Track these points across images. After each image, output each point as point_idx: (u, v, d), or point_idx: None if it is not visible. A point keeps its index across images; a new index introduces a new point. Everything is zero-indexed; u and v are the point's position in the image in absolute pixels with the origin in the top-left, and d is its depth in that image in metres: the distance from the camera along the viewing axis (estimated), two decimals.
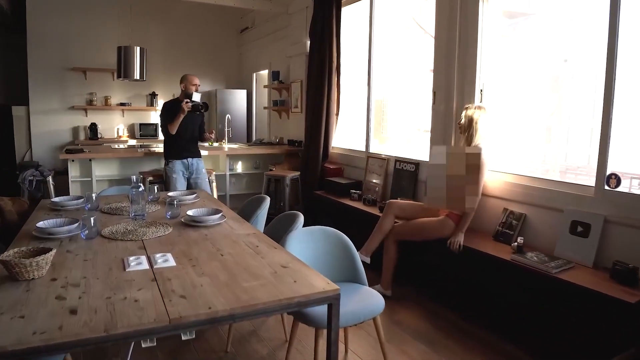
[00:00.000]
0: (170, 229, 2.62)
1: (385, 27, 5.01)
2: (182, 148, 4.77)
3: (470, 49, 3.60)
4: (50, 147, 7.55)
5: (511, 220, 3.27)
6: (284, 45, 6.65)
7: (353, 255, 2.62)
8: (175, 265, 2.05)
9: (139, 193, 2.90)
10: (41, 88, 7.40)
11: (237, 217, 2.95)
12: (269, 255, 2.18)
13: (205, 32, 8.41)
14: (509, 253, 3.00)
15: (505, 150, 3.68)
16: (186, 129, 4.70)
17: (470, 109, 3.34)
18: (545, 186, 3.14)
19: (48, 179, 5.15)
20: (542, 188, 3.15)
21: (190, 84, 4.73)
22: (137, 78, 5.68)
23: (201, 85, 4.86)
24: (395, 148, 5.12)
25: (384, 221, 3.59)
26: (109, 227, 2.64)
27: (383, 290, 3.53)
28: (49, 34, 7.29)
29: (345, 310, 2.26)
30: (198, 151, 4.94)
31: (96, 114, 7.78)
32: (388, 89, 5.37)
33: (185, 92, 4.72)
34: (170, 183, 4.75)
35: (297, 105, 6.32)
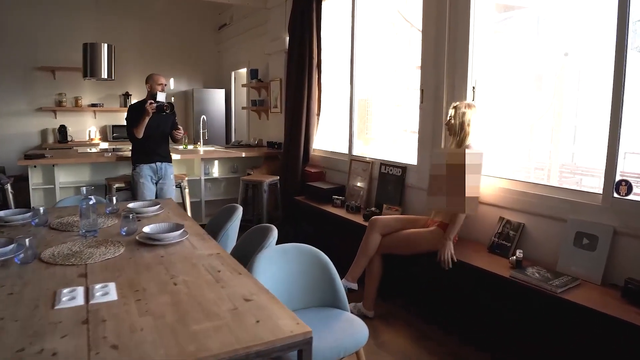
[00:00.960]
0: (121, 250, 2.27)
1: (369, 22, 4.70)
2: (151, 151, 4.47)
3: (461, 43, 3.29)
4: (17, 152, 7.08)
5: (508, 230, 2.97)
6: (263, 42, 6.30)
7: (332, 276, 2.30)
8: (116, 299, 1.70)
9: (90, 206, 2.55)
10: (6, 88, 6.97)
11: (201, 233, 2.60)
12: (231, 283, 1.84)
13: (182, 29, 8.03)
14: (506, 268, 2.70)
15: (500, 152, 3.39)
16: (155, 131, 4.41)
17: (460, 107, 3.04)
18: (545, 193, 2.85)
19: (6, 187, 4.74)
20: (542, 195, 2.85)
21: (155, 83, 4.45)
22: (105, 77, 5.29)
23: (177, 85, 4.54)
24: (380, 150, 4.82)
25: (369, 241, 3.23)
26: (51, 248, 2.28)
27: (365, 311, 3.21)
28: (14, 31, 6.87)
29: (323, 344, 1.94)
30: (169, 155, 4.63)
31: (66, 116, 7.37)
32: (372, 88, 5.05)
33: (151, 93, 4.42)
34: (138, 189, 4.44)
35: (277, 105, 5.98)
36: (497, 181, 3.15)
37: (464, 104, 3.07)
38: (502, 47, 3.45)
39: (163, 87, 4.47)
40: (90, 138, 7.45)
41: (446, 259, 2.87)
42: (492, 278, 2.67)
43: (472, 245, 3.15)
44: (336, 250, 4.19)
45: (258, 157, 5.95)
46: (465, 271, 2.84)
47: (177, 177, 5.00)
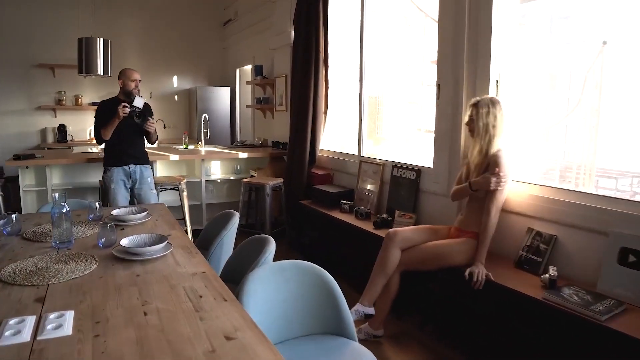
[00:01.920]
0: (93, 266, 1.97)
1: (379, 13, 4.35)
2: (122, 152, 4.09)
3: (483, 32, 2.94)
4: (17, 152, 6.84)
5: (538, 243, 2.62)
6: (268, 37, 5.99)
7: (337, 299, 1.97)
8: (69, 334, 1.39)
9: (63, 215, 2.25)
10: (4, 86, 6.74)
11: (189, 246, 2.29)
12: (213, 313, 1.52)
13: (186, 25, 7.74)
14: (538, 288, 2.36)
15: (528, 155, 3.02)
16: (126, 129, 4.02)
17: (482, 105, 2.68)
18: (582, 201, 2.49)
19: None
20: (579, 204, 2.49)
21: (128, 79, 4.07)
22: (101, 73, 5.01)
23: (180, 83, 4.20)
24: (392, 150, 4.47)
25: (387, 258, 2.81)
26: (14, 264, 1.99)
27: (373, 332, 2.86)
28: (11, 27, 6.64)
29: None
30: (144, 156, 4.25)
31: (66, 115, 7.12)
32: (383, 84, 4.71)
33: (124, 90, 4.06)
34: (109, 195, 4.09)
35: (282, 103, 5.66)
36: (525, 187, 2.79)
37: (487, 99, 2.71)
38: (528, 37, 3.10)
39: (137, 83, 4.09)
40: (90, 137, 7.18)
41: (480, 281, 2.52)
42: (520, 299, 2.33)
43: (497, 259, 2.79)
44: (344, 261, 3.88)
45: (262, 157, 5.64)
46: (490, 289, 2.50)
47: (173, 179, 4.70)
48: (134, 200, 4.22)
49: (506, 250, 2.83)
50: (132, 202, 4.19)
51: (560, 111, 3.05)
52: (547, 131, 3.13)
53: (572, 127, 3.12)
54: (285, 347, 1.87)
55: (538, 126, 3.08)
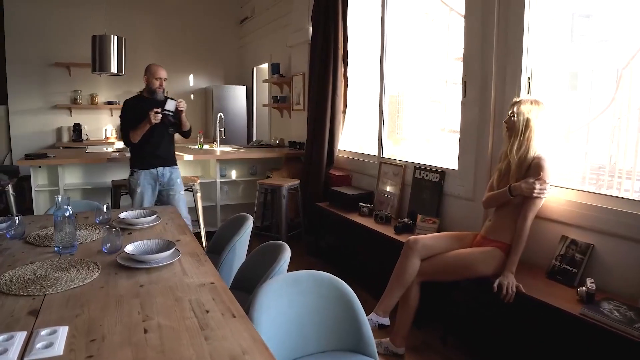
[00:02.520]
0: (95, 275, 1.84)
1: (401, 8, 4.17)
2: (149, 154, 3.91)
3: (514, 26, 2.74)
4: (32, 151, 6.84)
5: (573, 253, 2.42)
6: (285, 34, 5.84)
7: (356, 313, 1.80)
8: (61, 354, 1.25)
9: (66, 218, 2.13)
10: (21, 85, 6.72)
11: (198, 253, 2.15)
12: (219, 332, 1.37)
13: (202, 24, 7.65)
14: (573, 301, 2.16)
15: (564, 157, 2.81)
16: (155, 131, 3.85)
17: (525, 103, 2.49)
18: (624, 207, 2.28)
19: (7, 188, 4.42)
20: (619, 210, 2.28)
21: (153, 76, 3.85)
22: (115, 71, 4.92)
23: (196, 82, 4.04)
24: (413, 151, 4.27)
25: (406, 268, 2.62)
26: (12, 270, 1.87)
27: (394, 349, 2.68)
28: (29, 26, 6.61)
29: None
30: (172, 158, 4.08)
31: (82, 114, 7.08)
32: (405, 82, 4.52)
33: (148, 87, 3.89)
34: (135, 198, 3.94)
35: (300, 102, 5.51)
36: (560, 192, 2.59)
37: (529, 98, 2.53)
38: (564, 31, 2.89)
39: (162, 82, 3.88)
40: (106, 137, 7.14)
41: (511, 293, 2.32)
42: (554, 313, 2.13)
43: (527, 268, 2.59)
44: (363, 266, 3.71)
45: (279, 158, 5.50)
46: (519, 301, 2.30)
47: (187, 179, 4.58)
48: (164, 204, 4.04)
49: (537, 260, 2.63)
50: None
51: (599, 110, 2.83)
52: (584, 132, 2.92)
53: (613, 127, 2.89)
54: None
55: (574, 126, 2.86)
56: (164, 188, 4.01)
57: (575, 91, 2.92)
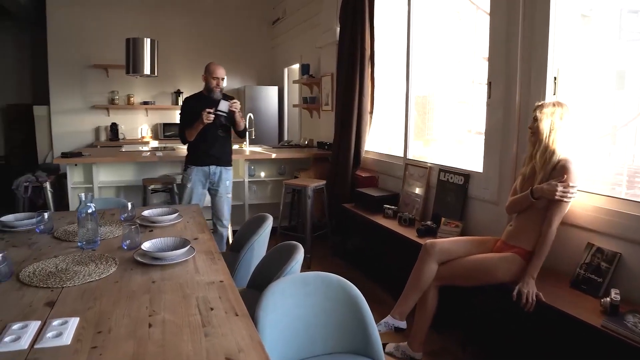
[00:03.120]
0: (112, 270, 1.90)
1: (428, 7, 4.11)
2: (203, 153, 3.97)
3: (540, 25, 2.66)
4: (72, 149, 7.12)
5: (599, 261, 2.32)
6: (315, 35, 5.86)
7: (364, 316, 1.79)
8: (68, 344, 1.31)
9: (89, 215, 2.21)
10: (62, 86, 7.01)
11: (213, 251, 2.18)
12: (220, 330, 1.39)
13: (235, 25, 7.77)
14: (596, 313, 2.07)
15: (590, 161, 2.71)
16: (210, 130, 3.90)
17: (547, 107, 2.41)
18: None
19: (45, 185, 4.61)
20: None
21: (210, 76, 3.90)
22: (148, 73, 5.06)
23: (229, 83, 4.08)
24: (442, 153, 4.19)
25: (423, 272, 2.59)
26: (37, 263, 1.96)
27: (411, 353, 2.64)
28: (69, 29, 6.89)
29: None
30: (226, 158, 4.10)
31: (118, 114, 7.32)
32: (434, 83, 4.45)
33: (207, 87, 3.94)
34: (184, 195, 4.02)
35: (328, 103, 5.51)
36: (587, 197, 2.49)
37: (551, 102, 2.44)
38: (594, 31, 2.78)
39: (219, 82, 3.91)
40: (142, 136, 7.35)
41: (531, 302, 2.25)
42: (575, 324, 2.05)
43: (551, 276, 2.51)
44: (387, 269, 3.68)
45: (307, 158, 5.52)
46: (539, 310, 2.23)
47: None
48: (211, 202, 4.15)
49: (561, 267, 2.54)
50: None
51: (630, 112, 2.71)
52: (613, 135, 2.80)
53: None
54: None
55: (603, 129, 2.76)
56: (212, 187, 4.07)
57: (622, 91, 2.79)
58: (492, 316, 2.59)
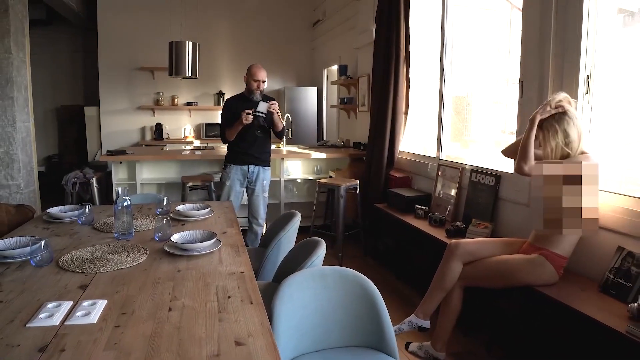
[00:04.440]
0: (142, 258, 2.02)
1: (464, 6, 4.07)
2: (242, 152, 4.09)
3: (573, 21, 2.61)
4: (119, 148, 7.45)
5: (629, 266, 2.25)
6: (353, 36, 5.90)
7: (379, 311, 1.83)
8: (94, 322, 1.43)
9: (124, 208, 2.34)
10: (111, 88, 7.36)
11: (238, 245, 2.26)
12: (233, 316, 1.46)
13: (276, 27, 7.91)
14: (623, 318, 2.01)
15: (622, 162, 2.63)
16: (250, 130, 4.02)
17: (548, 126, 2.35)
18: None
19: (91, 181, 4.88)
20: None
21: (251, 78, 4.00)
22: (189, 75, 5.25)
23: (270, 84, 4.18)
24: (478, 154, 4.14)
25: (447, 271, 2.59)
26: (75, 251, 2.10)
27: (435, 353, 2.63)
28: (118, 34, 7.23)
29: None
30: (265, 157, 4.20)
31: (163, 114, 7.61)
32: (471, 83, 4.40)
33: (248, 89, 4.06)
34: (223, 192, 4.16)
35: (364, 103, 5.54)
36: (617, 199, 2.42)
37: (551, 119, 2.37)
38: (633, 27, 2.70)
39: (259, 84, 4.00)
40: (185, 136, 7.61)
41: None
42: (601, 329, 2.00)
43: (580, 281, 2.45)
44: (418, 269, 3.67)
45: (343, 158, 5.57)
46: (566, 314, 2.19)
47: None
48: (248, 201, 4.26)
49: (590, 272, 2.48)
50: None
51: None
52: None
53: None
54: (321, 357, 1.78)
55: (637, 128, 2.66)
56: (250, 186, 4.18)
57: None
58: (518, 319, 2.55)
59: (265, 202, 4.26)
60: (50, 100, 7.97)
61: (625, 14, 2.74)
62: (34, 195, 4.38)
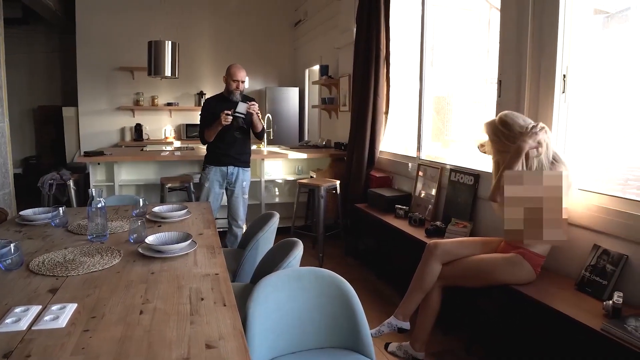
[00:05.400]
0: (115, 261, 1.97)
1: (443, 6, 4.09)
2: (222, 153, 4.03)
3: (549, 21, 2.63)
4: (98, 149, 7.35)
5: (604, 263, 2.27)
6: (334, 36, 5.90)
7: (355, 312, 1.81)
8: (63, 327, 1.39)
9: (98, 210, 2.30)
10: (89, 88, 7.25)
11: (214, 246, 2.23)
12: (205, 318, 1.44)
13: (258, 28, 7.87)
14: (599, 316, 2.03)
15: (598, 161, 2.66)
16: (229, 131, 3.96)
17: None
18: None
19: (68, 182, 4.78)
20: None
21: (230, 78, 3.93)
22: (169, 75, 5.19)
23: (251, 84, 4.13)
24: (459, 154, 4.16)
25: (426, 272, 2.58)
26: (47, 254, 2.05)
27: (413, 353, 2.64)
28: (97, 33, 7.12)
29: None
30: (245, 158, 4.14)
31: (143, 115, 7.52)
32: (452, 83, 4.42)
33: (228, 89, 3.99)
34: (202, 194, 4.10)
35: (345, 103, 5.54)
36: (593, 197, 2.45)
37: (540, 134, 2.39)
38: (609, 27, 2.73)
39: (239, 85, 3.93)
40: (165, 137, 7.53)
41: None
42: (577, 327, 2.02)
43: (557, 279, 2.47)
44: (398, 269, 3.68)
45: (324, 158, 5.56)
46: (545, 313, 2.20)
47: None
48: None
49: (567, 269, 2.50)
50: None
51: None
52: (627, 136, 2.74)
53: None
54: (297, 359, 1.76)
55: (615, 129, 2.70)
56: (229, 187, 4.13)
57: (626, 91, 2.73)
58: (496, 318, 2.56)
59: (245, 204, 4.22)
60: (27, 101, 7.82)
61: (606, 15, 2.78)
62: (9, 198, 4.28)
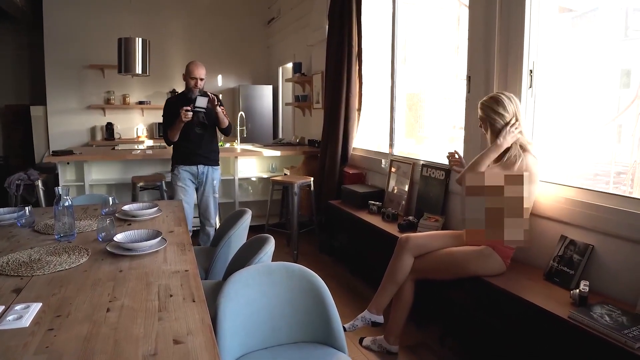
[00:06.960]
0: (83, 260, 1.93)
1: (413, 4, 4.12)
2: (190, 152, 3.97)
3: (515, 18, 2.68)
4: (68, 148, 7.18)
5: (571, 254, 2.33)
6: (307, 34, 5.89)
7: (327, 307, 1.81)
8: (26, 326, 1.35)
9: (65, 209, 2.25)
10: (58, 87, 7.06)
11: (185, 243, 2.21)
12: (173, 314, 1.42)
13: (231, 25, 7.79)
14: (566, 305, 2.09)
15: (565, 154, 2.73)
16: (195, 128, 3.91)
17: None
18: (626, 207, 2.17)
19: (36, 183, 4.66)
20: (622, 210, 2.18)
21: (188, 76, 3.89)
22: (139, 72, 5.10)
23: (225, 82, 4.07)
24: (432, 150, 4.19)
25: (398, 265, 2.61)
26: (12, 254, 2.00)
27: (388, 346, 2.66)
28: (66, 30, 6.94)
29: None
30: (213, 156, 4.10)
31: (115, 114, 7.36)
32: (424, 80, 4.46)
33: (187, 87, 3.94)
34: (175, 194, 4.02)
35: (319, 101, 5.54)
36: (560, 189, 2.50)
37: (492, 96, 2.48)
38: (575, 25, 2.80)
39: (197, 82, 3.88)
40: (137, 136, 7.40)
41: None
42: (545, 316, 2.06)
43: (526, 270, 2.53)
44: (372, 265, 3.69)
45: (297, 156, 5.55)
46: (513, 303, 2.25)
47: None
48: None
49: (536, 260, 2.56)
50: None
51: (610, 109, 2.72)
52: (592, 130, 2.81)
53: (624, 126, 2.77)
54: (270, 354, 1.75)
55: (580, 124, 2.77)
56: (199, 186, 4.07)
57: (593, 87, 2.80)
58: (468, 309, 2.60)
59: (215, 202, 4.17)
60: None
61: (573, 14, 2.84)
62: None
